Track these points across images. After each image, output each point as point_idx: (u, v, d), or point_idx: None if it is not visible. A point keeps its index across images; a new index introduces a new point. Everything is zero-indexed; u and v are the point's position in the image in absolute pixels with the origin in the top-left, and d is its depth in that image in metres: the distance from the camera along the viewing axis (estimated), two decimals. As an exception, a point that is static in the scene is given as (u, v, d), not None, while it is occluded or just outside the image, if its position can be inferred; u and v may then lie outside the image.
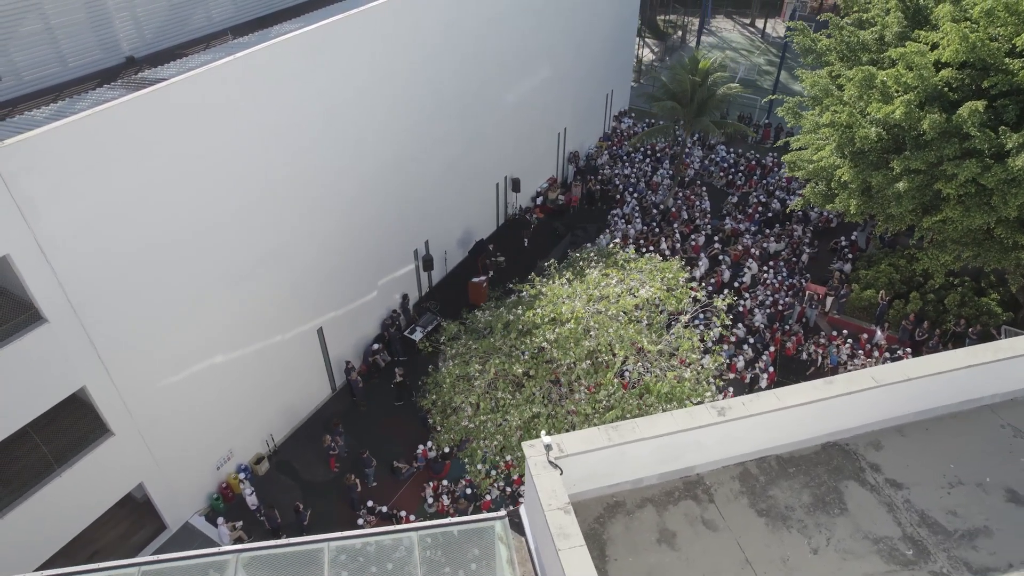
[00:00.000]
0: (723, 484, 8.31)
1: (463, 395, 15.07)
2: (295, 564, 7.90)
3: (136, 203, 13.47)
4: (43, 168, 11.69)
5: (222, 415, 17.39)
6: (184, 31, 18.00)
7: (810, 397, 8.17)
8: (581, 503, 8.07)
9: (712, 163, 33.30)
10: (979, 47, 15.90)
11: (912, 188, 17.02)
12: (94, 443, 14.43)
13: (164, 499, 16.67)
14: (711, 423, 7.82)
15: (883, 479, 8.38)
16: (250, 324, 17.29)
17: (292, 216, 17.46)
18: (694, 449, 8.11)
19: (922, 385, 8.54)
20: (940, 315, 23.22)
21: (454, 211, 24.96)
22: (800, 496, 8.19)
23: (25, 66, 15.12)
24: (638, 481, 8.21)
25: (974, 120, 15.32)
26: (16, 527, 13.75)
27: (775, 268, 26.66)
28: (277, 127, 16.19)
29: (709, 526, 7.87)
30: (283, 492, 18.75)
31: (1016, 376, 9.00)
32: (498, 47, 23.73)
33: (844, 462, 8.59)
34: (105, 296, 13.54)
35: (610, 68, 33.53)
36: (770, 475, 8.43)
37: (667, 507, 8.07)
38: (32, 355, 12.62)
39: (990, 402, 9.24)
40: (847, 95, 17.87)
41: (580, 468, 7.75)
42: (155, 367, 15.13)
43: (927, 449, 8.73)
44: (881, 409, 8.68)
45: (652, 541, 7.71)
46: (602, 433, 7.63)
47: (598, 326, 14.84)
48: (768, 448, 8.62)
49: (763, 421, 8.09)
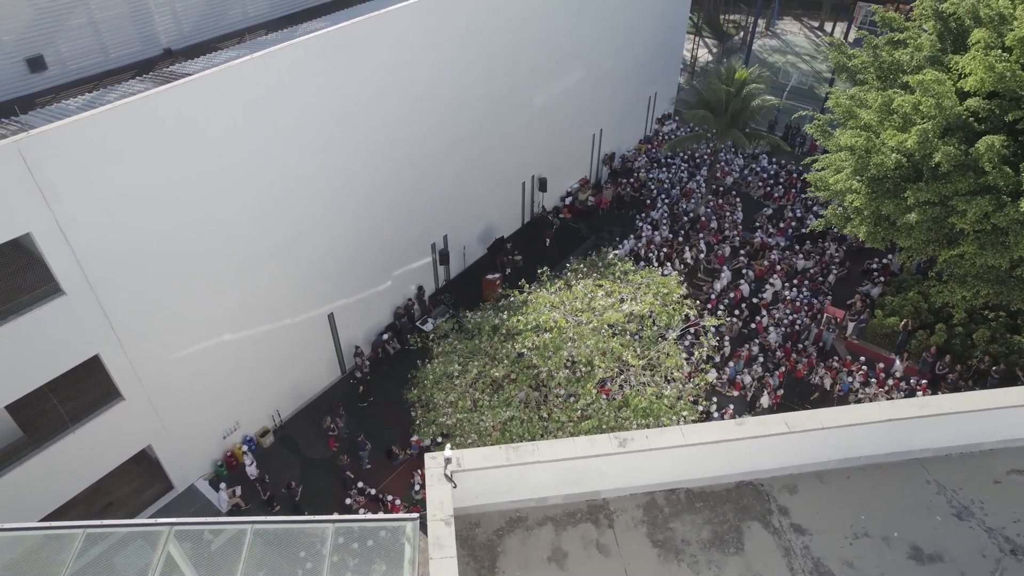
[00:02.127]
0: (626, 511, 8.58)
1: (444, 392, 15.66)
2: (212, 539, 8.64)
3: (154, 192, 14.59)
4: (65, 156, 12.86)
5: (230, 389, 18.61)
6: (220, 25, 19.12)
7: (718, 436, 8.32)
8: (485, 514, 8.52)
9: (752, 173, 32.56)
10: (1008, 77, 15.14)
11: (925, 220, 16.43)
12: (106, 406, 15.81)
13: (171, 462, 18.05)
14: (611, 453, 8.10)
15: (788, 523, 8.46)
16: (261, 307, 18.37)
17: (306, 209, 18.37)
18: (597, 476, 8.41)
19: (839, 434, 8.54)
20: (967, 350, 22.23)
21: (476, 208, 25.48)
22: (700, 531, 8.37)
23: (71, 56, 16.50)
24: (543, 500, 8.58)
25: (990, 155, 14.66)
26: (33, 474, 15.29)
27: (799, 286, 26.02)
28: (295, 124, 17.03)
29: (602, 551, 8.18)
30: (284, 466, 19.94)
31: (945, 433, 8.85)
32: (529, 50, 23.94)
33: (754, 502, 8.70)
34: (122, 275, 14.76)
35: (654, 70, 33.13)
36: (676, 507, 8.64)
37: (566, 527, 8.42)
38: (51, 323, 13.96)
39: (920, 456, 9.12)
40: (866, 118, 17.32)
41: (483, 483, 8.20)
42: (166, 341, 16.38)
43: (843, 497, 8.73)
44: (799, 454, 8.73)
45: (543, 559, 8.10)
46: (502, 452, 8.04)
47: (577, 337, 15.10)
48: (680, 481, 8.82)
49: (668, 455, 8.30)
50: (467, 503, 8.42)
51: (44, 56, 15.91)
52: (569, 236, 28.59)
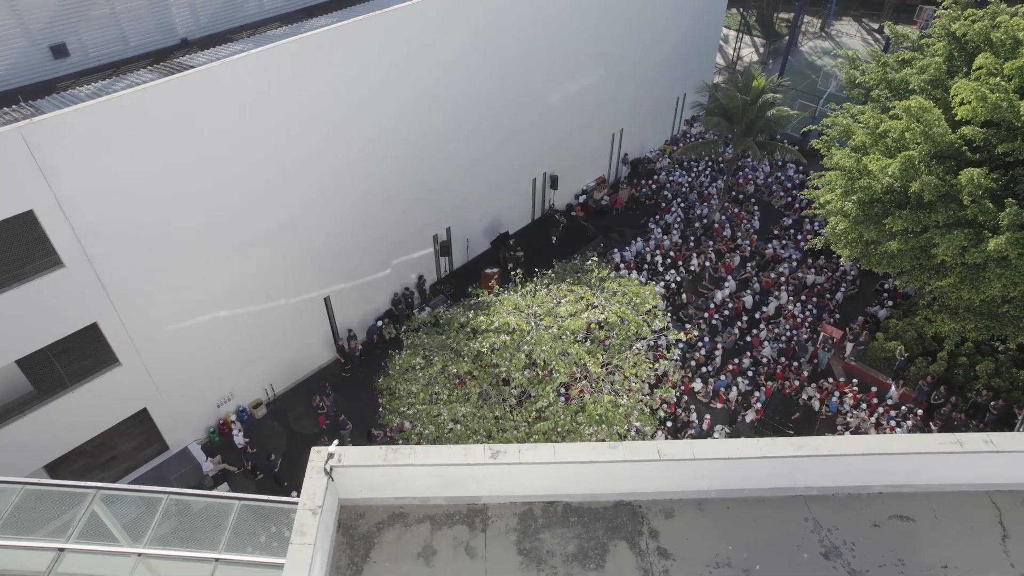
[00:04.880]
0: (502, 518, 9.06)
1: (407, 383, 16.37)
2: (138, 506, 9.58)
3: (150, 177, 15.70)
4: (64, 142, 14.04)
5: (224, 362, 19.85)
6: (236, 17, 20.10)
7: (590, 457, 8.67)
8: (371, 507, 9.15)
9: (776, 181, 31.84)
10: (1005, 107, 14.56)
11: (907, 249, 16.02)
12: (103, 370, 17.22)
13: (166, 425, 19.47)
14: (483, 463, 8.57)
15: (655, 546, 8.76)
16: (255, 287, 19.46)
17: (303, 196, 19.26)
18: (474, 483, 8.90)
19: (718, 465, 8.76)
20: (968, 381, 21.48)
21: (483, 202, 25.96)
22: (567, 545, 8.78)
23: (92, 44, 17.76)
24: (426, 499, 9.15)
25: (971, 188, 14.18)
26: (40, 424, 16.87)
27: (806, 301, 25.53)
28: (296, 117, 17.83)
29: (469, 553, 8.69)
30: (271, 438, 21.17)
31: (827, 473, 8.94)
32: (545, 50, 24.06)
33: (627, 522, 9.03)
34: (119, 251, 16.00)
35: (685, 71, 32.64)
36: (550, 519, 9.06)
37: (442, 527, 8.97)
38: (51, 292, 15.33)
39: (805, 493, 9.23)
40: (857, 140, 16.92)
41: (370, 478, 8.82)
42: (162, 314, 17.63)
43: (717, 527, 8.95)
44: (675, 481, 8.99)
45: (413, 554, 8.68)
46: (380, 452, 8.63)
47: (535, 341, 15.51)
48: (561, 494, 9.22)
49: (543, 470, 8.72)
50: (356, 495, 9.07)
51: (67, 44, 17.21)
52: (577, 234, 28.76)
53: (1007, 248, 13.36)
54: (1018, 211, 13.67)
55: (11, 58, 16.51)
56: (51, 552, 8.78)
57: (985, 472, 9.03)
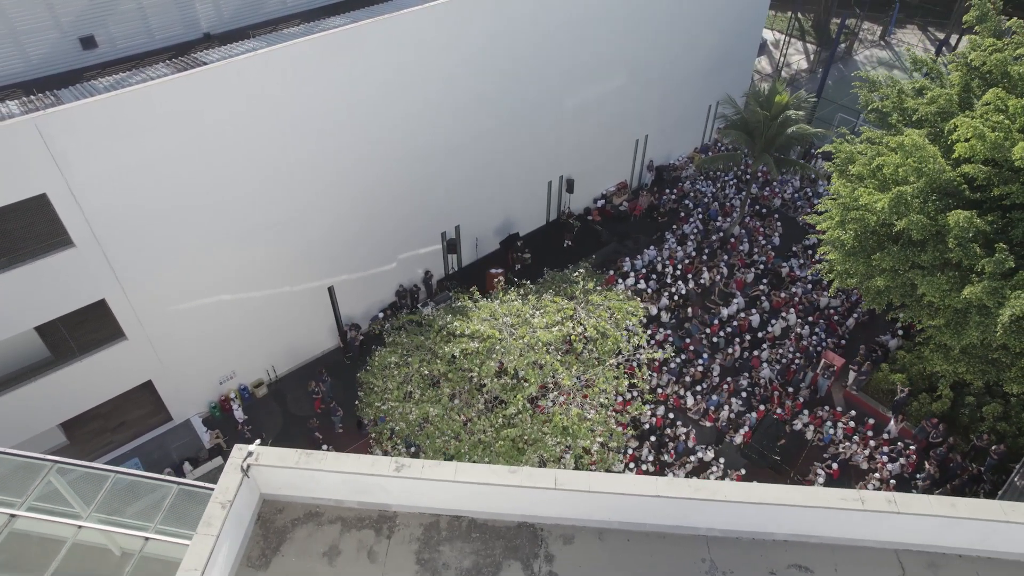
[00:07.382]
0: (409, 527, 9.50)
1: (383, 380, 16.98)
2: (93, 482, 10.45)
3: (156, 167, 16.67)
4: (75, 131, 15.08)
5: (226, 342, 20.94)
6: (258, 13, 20.91)
7: (488, 479, 9.00)
8: (291, 504, 9.74)
9: (803, 197, 30.98)
10: (1005, 146, 13.97)
11: (893, 287, 15.59)
12: (110, 342, 18.48)
13: (170, 397, 20.72)
14: (387, 475, 9.02)
15: (547, 570, 9.05)
16: (259, 274, 20.40)
17: (308, 191, 20.01)
18: (382, 491, 9.37)
19: (609, 499, 8.96)
20: (973, 423, 20.70)
21: (495, 202, 26.27)
22: (463, 560, 9.16)
23: (119, 36, 18.86)
24: (340, 501, 9.68)
25: (958, 231, 13.70)
26: (53, 388, 18.26)
27: (814, 324, 24.94)
28: (298, 114, 18.54)
29: (371, 557, 9.19)
30: (270, 416, 22.24)
31: (723, 517, 9.02)
32: (562, 54, 24.05)
33: (526, 543, 9.34)
34: (127, 235, 17.09)
35: (719, 79, 31.96)
36: (453, 533, 9.45)
37: (351, 529, 9.48)
38: (63, 268, 16.54)
39: (707, 534, 9.33)
40: (855, 170, 16.48)
41: (283, 477, 9.41)
42: (167, 294, 18.73)
43: (612, 558, 9.17)
44: (572, 509, 9.23)
45: (319, 552, 9.23)
46: (294, 455, 9.18)
47: (504, 350, 15.83)
48: (469, 510, 9.59)
49: (443, 486, 9.11)
50: (277, 491, 9.68)
51: (95, 36, 18.34)
52: (591, 239, 28.78)
53: (983, 296, 12.89)
54: (1004, 258, 13.16)
55: (43, 48, 17.73)
56: (3, 517, 9.73)
57: (889, 531, 8.92)
